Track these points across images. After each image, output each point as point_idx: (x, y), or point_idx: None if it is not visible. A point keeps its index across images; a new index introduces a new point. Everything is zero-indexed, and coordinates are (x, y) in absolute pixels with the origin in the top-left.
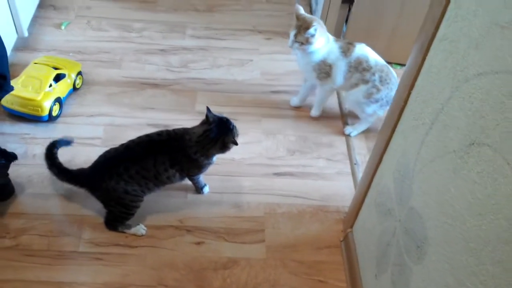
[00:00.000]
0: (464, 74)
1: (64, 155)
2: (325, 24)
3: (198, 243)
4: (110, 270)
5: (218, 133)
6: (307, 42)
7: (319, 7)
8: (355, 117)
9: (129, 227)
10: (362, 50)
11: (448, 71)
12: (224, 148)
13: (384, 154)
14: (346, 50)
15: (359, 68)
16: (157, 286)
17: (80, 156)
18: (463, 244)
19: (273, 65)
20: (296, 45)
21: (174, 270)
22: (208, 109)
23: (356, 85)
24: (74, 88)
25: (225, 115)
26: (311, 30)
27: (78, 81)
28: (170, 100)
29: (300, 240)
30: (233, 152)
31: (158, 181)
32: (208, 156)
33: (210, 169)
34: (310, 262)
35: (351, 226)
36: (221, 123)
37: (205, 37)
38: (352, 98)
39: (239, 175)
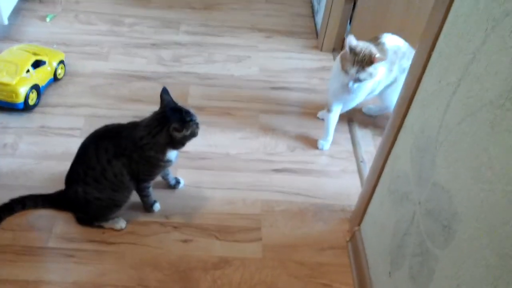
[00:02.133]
0: (504, 8)
1: (39, 145)
2: (327, 24)
3: (186, 241)
4: (82, 268)
5: (167, 119)
6: (370, 76)
7: (321, 6)
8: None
9: (107, 219)
10: (391, 41)
11: (481, 12)
12: (171, 138)
13: (399, 134)
14: (380, 51)
15: (395, 59)
16: (137, 287)
17: (57, 147)
18: (507, 209)
19: (273, 62)
20: (356, 84)
21: (157, 270)
22: (164, 89)
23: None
24: (55, 78)
25: (219, 110)
26: (377, 65)
27: (60, 71)
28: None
29: (301, 240)
30: (228, 147)
31: (108, 181)
32: (157, 147)
33: (202, 163)
34: (312, 263)
35: (359, 224)
36: (177, 110)
37: (200, 33)
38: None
39: (234, 170)
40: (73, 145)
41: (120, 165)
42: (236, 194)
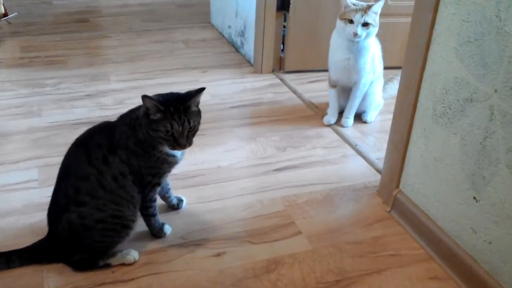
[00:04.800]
0: None
1: None
2: (262, 47)
3: (218, 255)
4: None
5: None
6: (374, 22)
7: (246, 38)
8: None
9: (114, 254)
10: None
11: None
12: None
13: (429, 51)
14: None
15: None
16: None
17: (15, 202)
18: None
19: (220, 88)
20: (364, 31)
21: None
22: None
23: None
24: None
25: None
26: (380, 3)
27: None
28: None
29: (341, 222)
30: (217, 161)
31: (107, 192)
32: (145, 124)
33: (197, 180)
34: (368, 240)
35: (397, 186)
36: (181, 97)
37: (134, 79)
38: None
39: (234, 179)
40: (35, 196)
41: (118, 162)
42: (249, 199)
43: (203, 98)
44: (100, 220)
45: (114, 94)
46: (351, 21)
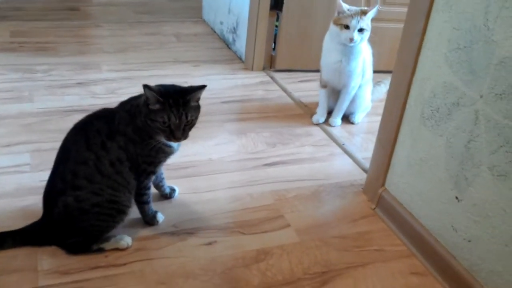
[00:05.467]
0: None
1: None
2: (254, 44)
3: (210, 244)
4: None
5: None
6: (368, 27)
7: (238, 35)
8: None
9: (107, 239)
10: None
11: None
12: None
13: (419, 55)
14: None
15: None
16: None
17: (7, 185)
18: None
19: (211, 84)
20: (359, 36)
21: (191, 279)
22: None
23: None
24: None
25: None
26: (375, 10)
27: None
28: None
29: (328, 217)
30: (208, 154)
31: (105, 177)
32: (144, 112)
33: (189, 171)
34: (353, 235)
35: (382, 185)
36: (182, 90)
37: (125, 70)
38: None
39: (225, 172)
40: (26, 180)
41: (116, 148)
42: (239, 191)
43: None
44: (96, 204)
45: (106, 83)
46: (346, 27)
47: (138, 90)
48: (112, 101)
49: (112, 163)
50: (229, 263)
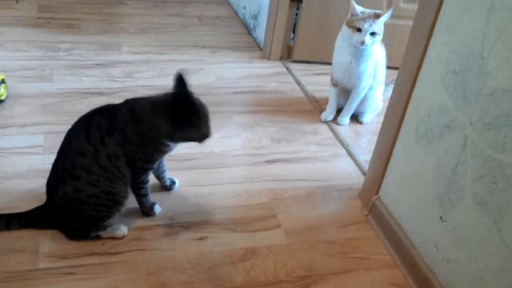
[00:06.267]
0: None
1: None
2: (273, 34)
3: (201, 238)
4: (89, 284)
5: (175, 98)
6: (380, 31)
7: (259, 22)
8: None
9: (105, 228)
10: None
11: None
12: (172, 121)
13: (419, 75)
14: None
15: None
16: None
17: (19, 166)
18: None
19: (227, 71)
20: (371, 40)
21: (178, 272)
22: (181, 74)
23: None
24: None
25: None
26: (388, 14)
27: (3, 91)
28: None
29: (320, 221)
30: (212, 146)
31: (102, 169)
32: (154, 126)
33: (192, 163)
34: (341, 240)
35: (376, 193)
36: (190, 96)
37: (144, 52)
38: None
39: (226, 166)
40: (38, 162)
41: (113, 143)
42: (237, 187)
43: (208, 81)
44: (93, 195)
45: (124, 66)
46: (358, 29)
47: (154, 75)
48: (128, 85)
49: (109, 157)
50: (217, 260)
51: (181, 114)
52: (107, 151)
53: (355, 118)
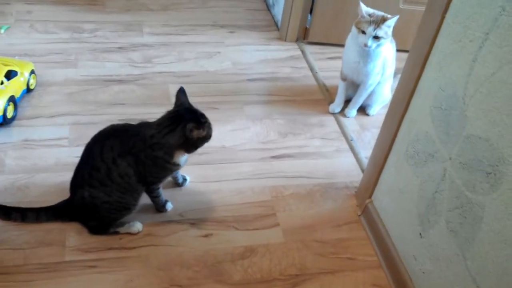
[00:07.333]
0: None
1: (27, 159)
2: (290, 15)
3: (206, 236)
4: (108, 277)
5: (181, 118)
6: (385, 35)
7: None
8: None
9: (122, 224)
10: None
11: None
12: (185, 139)
13: (412, 98)
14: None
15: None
16: (169, 287)
17: (47, 159)
18: None
19: (243, 55)
20: (374, 43)
21: (185, 268)
22: (181, 90)
23: None
24: (28, 89)
25: (204, 105)
26: (395, 19)
27: (32, 81)
28: (141, 95)
29: (316, 219)
30: (223, 140)
31: (114, 183)
32: (167, 148)
33: (202, 158)
34: (333, 240)
35: (370, 197)
36: (192, 111)
37: (164, 33)
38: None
39: (234, 161)
40: (64, 155)
41: (125, 165)
42: (243, 184)
43: (224, 66)
44: (106, 202)
45: (144, 50)
46: (363, 32)
47: (173, 60)
48: (147, 71)
49: (120, 175)
50: (219, 257)
51: (190, 135)
52: (118, 171)
53: (363, 109)
